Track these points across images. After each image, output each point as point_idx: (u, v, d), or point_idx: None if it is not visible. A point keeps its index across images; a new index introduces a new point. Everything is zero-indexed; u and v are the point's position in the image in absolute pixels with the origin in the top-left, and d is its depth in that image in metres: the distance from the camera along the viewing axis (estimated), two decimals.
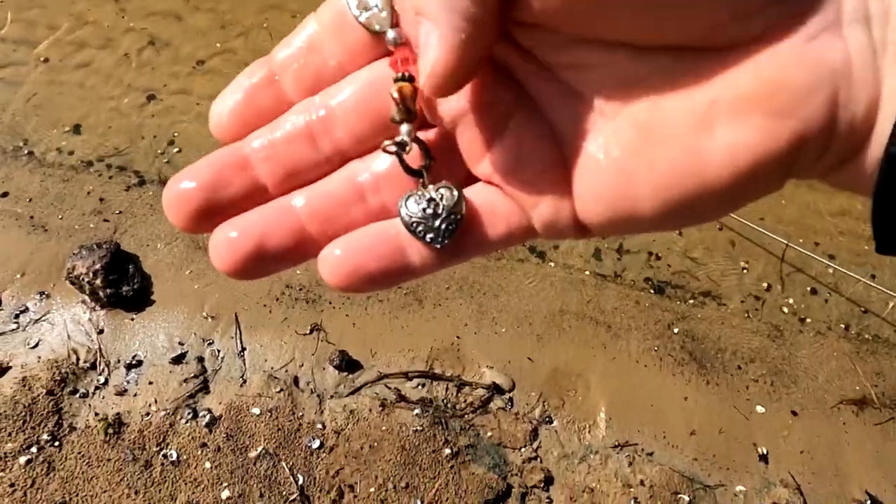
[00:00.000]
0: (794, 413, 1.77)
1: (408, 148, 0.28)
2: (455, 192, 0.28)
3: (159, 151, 2.16)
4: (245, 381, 1.70)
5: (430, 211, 0.28)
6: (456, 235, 0.28)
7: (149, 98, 2.27)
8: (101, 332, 1.76)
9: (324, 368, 1.74)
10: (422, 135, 0.29)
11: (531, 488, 1.60)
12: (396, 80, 0.27)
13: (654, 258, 2.02)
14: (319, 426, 1.64)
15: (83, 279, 1.75)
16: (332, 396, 1.70)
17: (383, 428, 1.64)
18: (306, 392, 1.70)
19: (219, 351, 1.75)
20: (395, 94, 0.27)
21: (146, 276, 1.85)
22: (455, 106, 0.28)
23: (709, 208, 0.25)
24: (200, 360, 1.73)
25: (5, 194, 2.02)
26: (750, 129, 0.22)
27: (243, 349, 1.76)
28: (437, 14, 0.24)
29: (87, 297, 1.79)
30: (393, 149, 0.28)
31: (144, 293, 1.82)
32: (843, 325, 1.93)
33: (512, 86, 0.27)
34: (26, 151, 2.14)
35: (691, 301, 1.96)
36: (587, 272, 1.99)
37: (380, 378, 1.73)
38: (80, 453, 1.56)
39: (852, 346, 1.89)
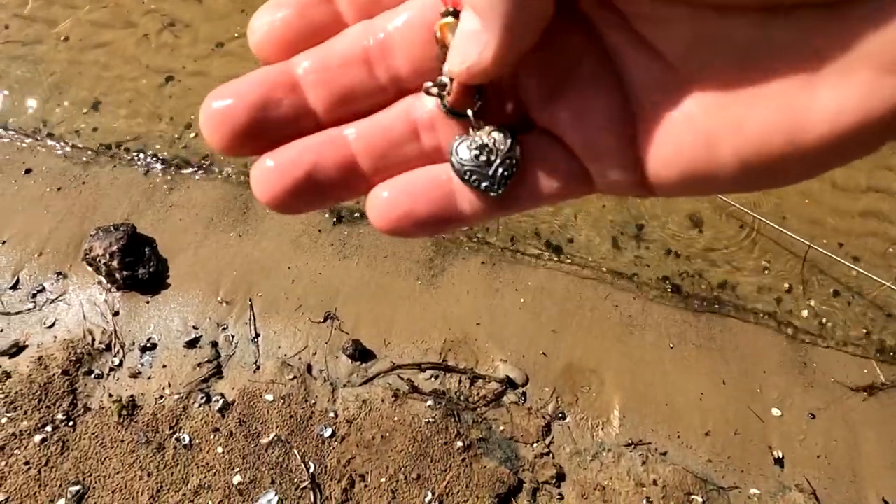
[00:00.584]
0: (812, 416, 1.74)
1: (448, 89, 0.26)
2: (508, 136, 0.27)
3: (176, 135, 2.15)
4: (258, 368, 1.70)
5: (483, 158, 0.27)
6: (511, 184, 0.27)
7: (167, 79, 2.26)
8: (116, 314, 1.76)
9: (337, 357, 1.74)
10: None
11: (542, 484, 1.59)
12: (444, 15, 0.26)
13: (674, 255, 2.00)
14: (332, 415, 1.63)
15: (100, 261, 1.76)
16: (344, 385, 1.69)
17: (395, 418, 1.63)
18: (319, 380, 1.69)
19: (233, 336, 1.75)
20: (438, 34, 0.26)
21: (162, 260, 1.85)
22: None
23: (795, 171, 0.23)
24: (214, 344, 1.73)
25: (28, 171, 2.02)
26: (858, 86, 0.20)
27: (257, 335, 1.75)
28: (487, 7, 0.22)
29: (103, 279, 1.80)
30: (435, 91, 0.27)
31: (160, 276, 1.82)
32: (864, 330, 1.89)
33: (581, 29, 0.25)
34: (46, 133, 2.14)
35: (709, 300, 1.93)
36: (604, 268, 1.96)
37: (393, 368, 1.73)
38: (93, 434, 1.57)
39: (873, 352, 1.86)
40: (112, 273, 1.76)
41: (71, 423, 1.58)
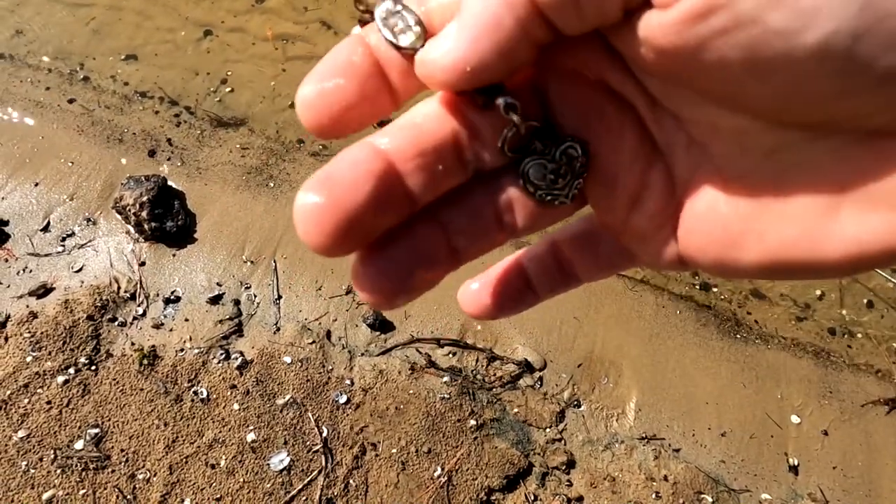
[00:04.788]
0: (826, 432, 1.71)
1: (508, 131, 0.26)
2: (580, 151, 0.26)
3: (212, 89, 2.14)
4: (279, 329, 1.70)
5: (557, 183, 0.27)
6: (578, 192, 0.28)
7: (205, 33, 2.24)
8: (142, 264, 1.77)
9: (357, 325, 1.73)
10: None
11: (552, 469, 1.59)
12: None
13: None
14: (348, 382, 1.64)
15: (129, 210, 1.76)
16: (362, 354, 1.70)
17: (410, 391, 1.63)
18: (338, 347, 1.70)
19: (255, 296, 1.76)
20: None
21: (191, 214, 1.85)
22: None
23: (817, 277, 0.24)
24: (237, 303, 1.73)
25: (72, 100, 2.03)
26: (879, 221, 0.21)
27: (279, 297, 1.76)
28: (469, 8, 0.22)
29: (131, 228, 1.81)
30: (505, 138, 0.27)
31: (187, 230, 1.83)
32: (895, 344, 1.84)
33: (635, 122, 0.26)
34: (82, 76, 2.14)
35: (738, 302, 1.89)
36: None
37: (411, 341, 1.72)
38: (114, 380, 1.60)
39: None
40: (141, 223, 1.77)
41: (93, 368, 1.61)
